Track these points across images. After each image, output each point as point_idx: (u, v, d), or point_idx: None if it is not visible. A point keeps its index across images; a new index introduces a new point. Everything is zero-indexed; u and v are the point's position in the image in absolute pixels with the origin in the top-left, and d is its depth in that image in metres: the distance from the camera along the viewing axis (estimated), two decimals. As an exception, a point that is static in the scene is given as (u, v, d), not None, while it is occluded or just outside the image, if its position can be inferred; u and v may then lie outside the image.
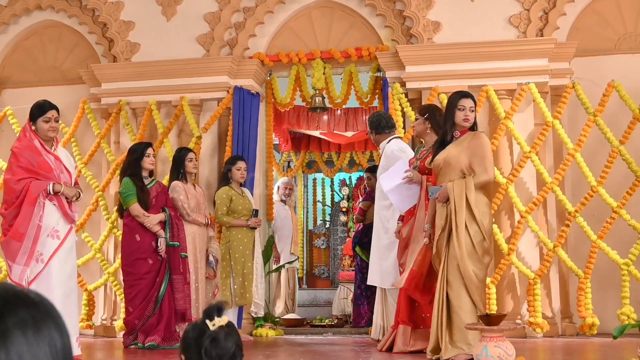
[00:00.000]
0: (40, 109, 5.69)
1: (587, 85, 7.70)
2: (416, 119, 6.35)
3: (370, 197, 8.28)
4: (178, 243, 6.84)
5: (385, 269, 6.41)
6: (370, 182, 8.58)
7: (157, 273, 6.73)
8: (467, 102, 5.47)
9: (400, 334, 5.86)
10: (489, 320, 4.44)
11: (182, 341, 2.26)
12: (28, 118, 5.73)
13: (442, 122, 5.89)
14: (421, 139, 6.37)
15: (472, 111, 5.47)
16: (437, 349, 5.29)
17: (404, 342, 5.82)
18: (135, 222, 6.77)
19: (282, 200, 10.32)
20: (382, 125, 6.77)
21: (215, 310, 2.22)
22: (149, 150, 6.99)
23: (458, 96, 5.53)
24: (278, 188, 10.44)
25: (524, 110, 7.83)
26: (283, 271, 10.20)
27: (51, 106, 5.73)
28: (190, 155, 7.41)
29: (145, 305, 6.65)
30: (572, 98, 7.73)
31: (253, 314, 7.90)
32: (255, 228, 7.67)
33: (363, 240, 8.51)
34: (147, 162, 6.95)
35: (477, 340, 4.62)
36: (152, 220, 6.76)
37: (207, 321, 2.21)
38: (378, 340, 6.62)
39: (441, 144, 5.56)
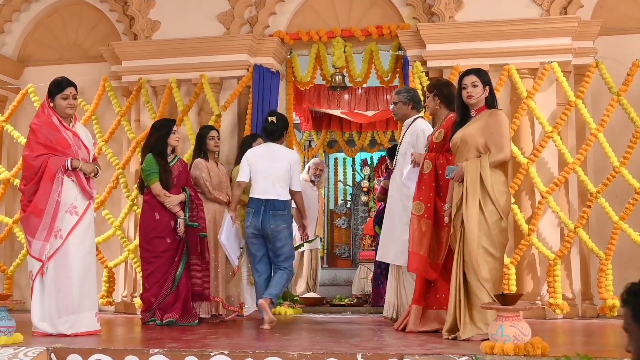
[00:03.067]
0: (58, 86, 5.72)
1: (611, 64, 7.59)
2: (427, 97, 6.31)
3: (391, 176, 8.24)
4: (197, 224, 6.83)
5: (399, 247, 6.39)
6: (392, 161, 8.53)
7: (175, 252, 6.73)
8: (467, 80, 5.44)
9: (413, 313, 5.85)
10: (505, 299, 4.40)
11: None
12: (46, 95, 5.76)
13: (452, 96, 5.97)
14: (434, 116, 6.32)
15: (475, 86, 5.41)
16: (454, 329, 5.27)
17: (414, 322, 5.81)
18: (156, 200, 6.75)
19: (311, 181, 10.29)
20: (416, 101, 6.71)
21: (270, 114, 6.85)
22: (175, 127, 7.01)
23: (460, 75, 5.52)
24: (309, 168, 10.42)
25: (546, 90, 7.74)
26: (306, 251, 10.20)
27: (69, 83, 5.76)
28: (212, 133, 7.37)
29: (162, 284, 6.66)
30: (596, 77, 7.63)
31: (267, 293, 7.91)
32: None
33: (384, 219, 8.47)
34: (173, 139, 6.93)
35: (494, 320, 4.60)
36: (173, 200, 6.74)
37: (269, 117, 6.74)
38: (390, 318, 6.61)
39: (459, 123, 5.52)
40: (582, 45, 7.77)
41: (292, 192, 6.74)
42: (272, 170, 6.60)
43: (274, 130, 6.73)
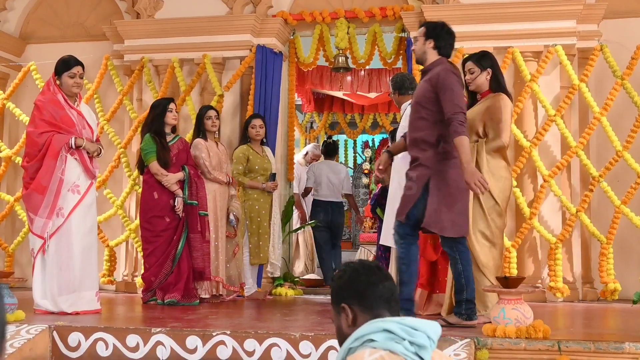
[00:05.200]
0: (65, 64, 5.72)
1: (615, 47, 7.55)
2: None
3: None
4: (196, 202, 6.82)
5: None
6: (394, 144, 8.51)
7: (175, 231, 6.71)
8: (465, 66, 5.55)
9: (417, 297, 5.85)
10: (508, 282, 4.41)
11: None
12: (53, 72, 5.75)
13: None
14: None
15: (472, 73, 5.43)
16: (451, 311, 5.28)
17: (418, 306, 5.81)
18: (154, 179, 6.73)
19: (308, 165, 10.27)
20: (405, 86, 6.67)
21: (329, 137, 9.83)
22: (172, 106, 6.92)
23: (462, 61, 5.58)
24: (306, 152, 10.38)
25: (550, 73, 7.70)
26: (300, 232, 10.20)
27: (77, 62, 5.76)
28: (210, 113, 7.29)
29: (162, 263, 6.65)
30: (600, 61, 7.59)
31: (269, 274, 7.93)
32: (272, 192, 7.65)
33: (381, 201, 8.46)
34: (170, 118, 6.88)
35: (495, 303, 4.61)
36: (170, 179, 6.71)
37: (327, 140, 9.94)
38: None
39: (468, 107, 5.53)
40: (586, 29, 7.72)
41: (345, 194, 9.72)
42: (332, 180, 9.56)
43: (333, 149, 10.19)
